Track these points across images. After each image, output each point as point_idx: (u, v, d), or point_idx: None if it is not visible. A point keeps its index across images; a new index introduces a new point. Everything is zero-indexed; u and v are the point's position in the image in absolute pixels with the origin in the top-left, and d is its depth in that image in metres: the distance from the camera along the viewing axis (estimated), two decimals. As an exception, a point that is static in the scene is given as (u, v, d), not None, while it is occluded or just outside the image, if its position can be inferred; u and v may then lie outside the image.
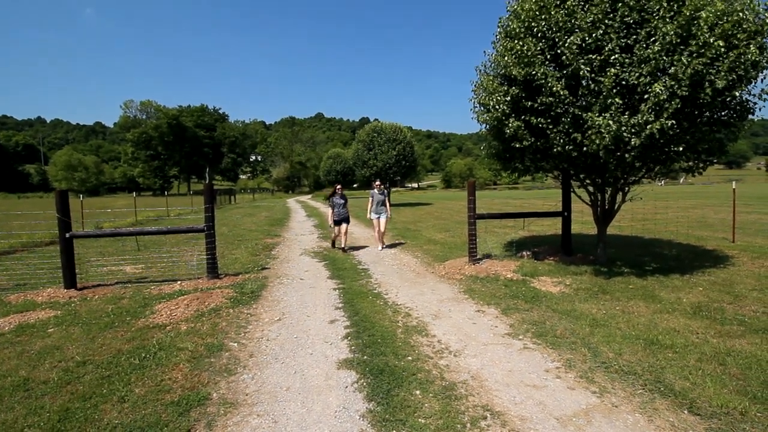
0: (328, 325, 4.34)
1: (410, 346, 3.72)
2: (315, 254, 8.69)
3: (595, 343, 3.64)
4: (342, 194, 8.55)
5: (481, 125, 6.90)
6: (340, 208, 8.50)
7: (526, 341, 3.82)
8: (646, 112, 4.80)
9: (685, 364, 3.16)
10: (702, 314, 4.28)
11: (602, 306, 4.67)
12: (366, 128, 28.63)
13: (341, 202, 8.46)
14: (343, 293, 5.53)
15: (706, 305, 4.55)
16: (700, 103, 4.99)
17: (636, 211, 11.29)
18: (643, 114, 4.82)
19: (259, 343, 3.89)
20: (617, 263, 6.56)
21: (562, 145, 5.64)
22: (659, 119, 4.73)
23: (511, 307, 4.77)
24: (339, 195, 8.57)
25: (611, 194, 6.52)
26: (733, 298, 4.79)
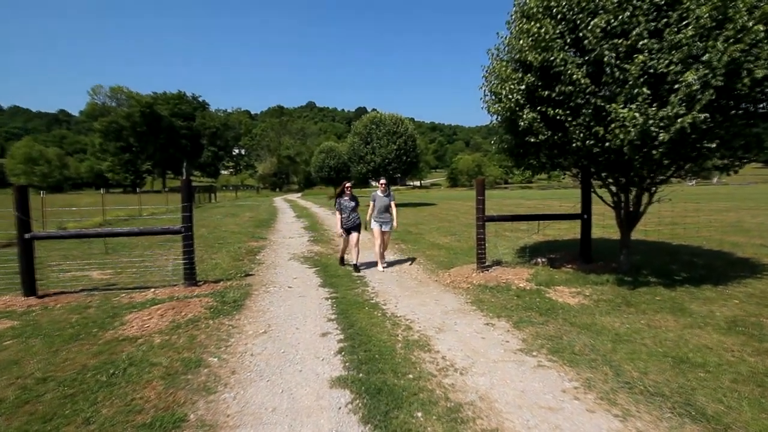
0: (320, 338, 4.35)
1: (411, 363, 3.72)
2: (305, 259, 8.70)
3: (617, 361, 3.65)
4: (352, 194, 7.40)
5: (492, 117, 6.92)
6: (350, 213, 7.35)
7: (541, 358, 3.83)
8: (676, 104, 4.82)
9: (719, 386, 3.17)
10: (737, 330, 4.29)
11: (626, 319, 4.68)
12: (363, 119, 28.71)
13: (351, 204, 7.33)
14: (336, 303, 5.54)
15: (742, 320, 4.56)
16: (737, 94, 5.01)
17: (663, 215, 11.35)
18: (673, 106, 4.83)
19: (242, 358, 3.88)
20: (642, 272, 6.58)
21: (582, 139, 5.66)
22: (691, 112, 4.75)
23: (524, 320, 4.77)
24: (348, 195, 7.38)
25: (636, 195, 6.54)
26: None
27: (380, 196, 7.45)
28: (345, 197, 7.35)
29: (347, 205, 7.33)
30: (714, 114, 5.13)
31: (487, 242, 7.57)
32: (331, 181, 52.55)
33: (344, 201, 7.36)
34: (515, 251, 8.90)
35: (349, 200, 7.36)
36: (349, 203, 7.34)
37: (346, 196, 7.36)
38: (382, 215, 7.45)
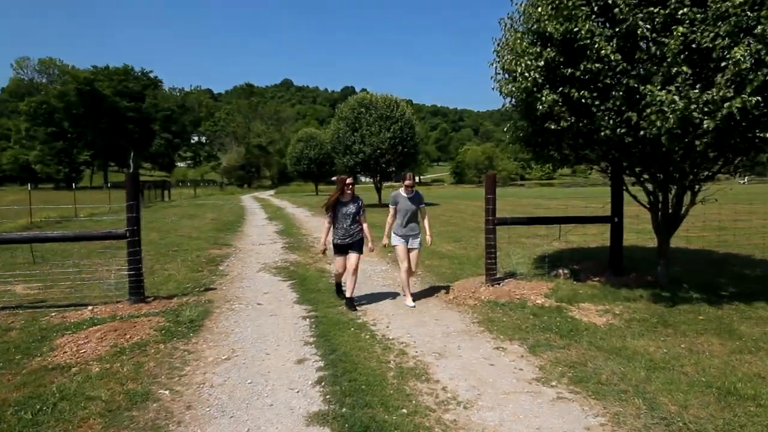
0: (295, 366, 4.35)
1: (405, 395, 3.72)
2: (278, 270, 8.70)
3: (652, 392, 3.68)
4: (355, 195, 6.19)
5: (505, 99, 6.98)
6: (349, 222, 6.10)
7: (561, 389, 3.84)
8: (722, 86, 4.89)
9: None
10: (795, 355, 4.36)
11: (662, 343, 4.73)
12: (350, 101, 28.76)
13: (352, 210, 6.11)
14: (315, 323, 5.56)
15: (800, 343, 4.63)
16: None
17: (709, 218, 11.52)
18: (718, 88, 4.91)
19: (199, 390, 3.87)
20: (683, 286, 6.65)
21: (612, 127, 5.73)
22: (740, 95, 4.82)
23: (542, 344, 4.81)
24: (349, 197, 6.14)
25: (676, 194, 6.63)
26: (836, 334, 4.90)
27: (405, 198, 6.32)
28: (344, 199, 6.10)
29: (346, 212, 6.07)
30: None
31: (499, 250, 7.62)
32: (310, 175, 52.68)
33: (343, 206, 6.09)
34: (532, 261, 8.96)
35: (350, 204, 6.11)
36: (349, 207, 6.08)
37: (345, 198, 6.09)
38: (409, 226, 6.32)
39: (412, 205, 6.32)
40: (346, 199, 6.10)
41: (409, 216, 6.30)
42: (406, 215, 6.29)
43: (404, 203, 6.32)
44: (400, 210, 6.32)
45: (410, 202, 6.32)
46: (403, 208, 6.30)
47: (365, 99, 28.19)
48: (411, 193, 6.35)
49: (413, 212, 6.34)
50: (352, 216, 6.11)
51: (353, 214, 6.11)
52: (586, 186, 64.51)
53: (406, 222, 6.30)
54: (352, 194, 6.12)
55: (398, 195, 6.37)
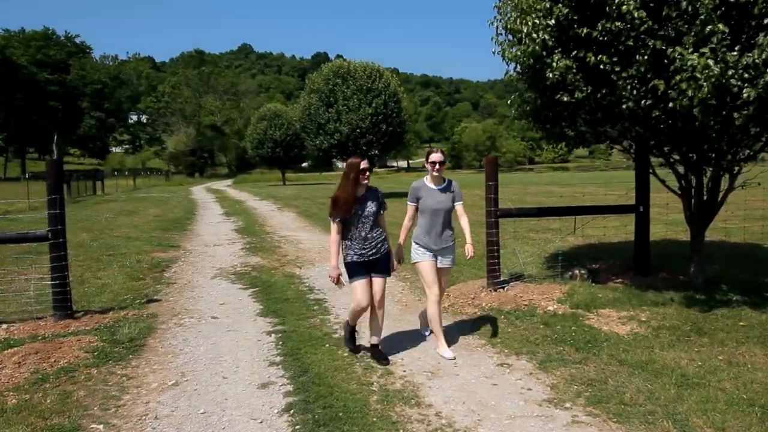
0: (258, 391, 4.34)
1: (391, 423, 3.73)
2: (237, 277, 8.69)
3: (684, 413, 3.73)
4: (371, 187, 4.98)
5: (509, 65, 7.00)
6: (369, 227, 4.88)
7: (577, 411, 3.87)
8: (765, 47, 4.96)
9: (823, 443, 3.29)
10: None
11: (696, 354, 4.79)
12: (323, 71, 28.76)
13: (371, 208, 4.89)
14: (283, 339, 5.56)
15: None
16: None
17: (752, 205, 11.72)
18: (761, 50, 4.97)
19: (141, 423, 3.84)
20: (721, 287, 6.76)
21: (636, 98, 5.78)
22: (787, 57, 4.90)
23: (554, 358, 4.84)
24: (365, 188, 4.92)
25: (712, 177, 6.73)
26: None
27: (433, 191, 5.08)
28: (358, 193, 4.88)
29: (364, 212, 4.85)
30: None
31: (503, 248, 7.67)
32: (276, 161, 52.42)
33: (356, 203, 4.84)
34: (542, 260, 9.03)
35: (367, 199, 4.90)
36: (367, 206, 4.88)
37: (359, 191, 4.88)
38: (439, 233, 5.05)
39: (445, 200, 5.03)
40: (362, 191, 4.89)
41: (440, 218, 5.00)
42: (435, 217, 4.99)
43: (431, 198, 5.02)
44: (425, 209, 5.02)
45: (441, 197, 5.03)
46: (429, 206, 4.99)
47: (341, 68, 28.13)
48: (441, 181, 5.10)
49: (446, 212, 5.04)
50: (372, 217, 4.88)
51: (374, 213, 4.89)
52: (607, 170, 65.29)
53: (436, 227, 5.00)
54: (367, 184, 4.91)
55: (422, 186, 5.11)
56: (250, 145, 51.80)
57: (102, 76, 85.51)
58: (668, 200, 8.01)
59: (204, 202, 26.92)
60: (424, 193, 5.09)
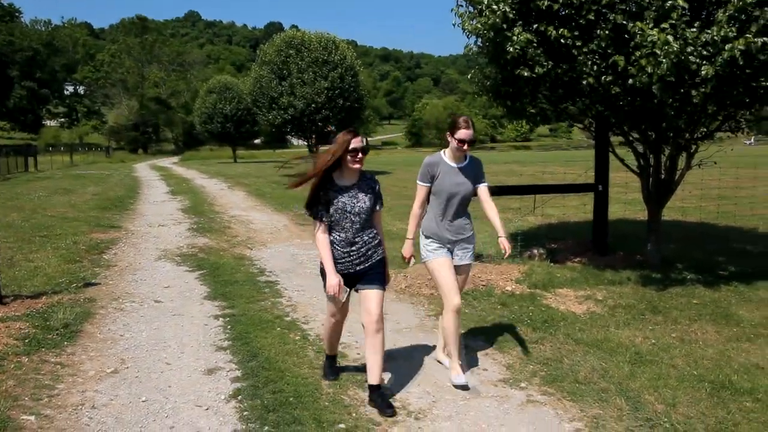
0: (204, 377, 4.28)
1: (343, 407, 3.74)
2: (183, 258, 8.56)
3: (636, 390, 3.87)
4: (364, 173, 3.88)
5: (469, 38, 7.02)
6: (358, 226, 3.80)
7: (532, 391, 3.97)
8: (724, 24, 5.11)
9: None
10: (798, 341, 4.71)
11: (650, 332, 4.98)
12: (276, 41, 28.27)
13: (364, 202, 3.78)
14: (231, 323, 5.49)
15: (804, 327, 5.01)
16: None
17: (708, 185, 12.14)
18: (719, 26, 5.12)
19: (76, 413, 3.74)
20: (677, 266, 7.03)
21: (596, 74, 5.89)
22: (744, 35, 5.06)
23: (510, 339, 4.94)
24: (356, 174, 3.83)
25: (670, 156, 6.94)
26: (844, 316, 5.34)
27: (452, 169, 4.19)
28: (345, 179, 3.79)
29: (354, 205, 3.75)
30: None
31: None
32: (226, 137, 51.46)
33: (342, 193, 3.76)
34: (502, 240, 9.15)
35: (358, 189, 3.81)
36: (359, 198, 3.78)
37: (348, 176, 3.80)
38: (456, 223, 4.24)
39: (465, 182, 4.17)
40: (352, 179, 3.79)
41: (458, 203, 4.17)
42: (451, 201, 4.16)
43: (449, 178, 4.15)
44: (439, 191, 4.17)
45: (461, 177, 4.17)
46: (445, 188, 4.14)
47: (295, 38, 27.68)
48: (463, 158, 4.23)
49: (465, 197, 4.20)
50: (365, 215, 3.78)
51: (367, 210, 3.78)
52: (569, 149, 66.62)
53: (452, 214, 4.20)
54: (360, 169, 3.78)
55: (438, 162, 4.21)
56: (199, 119, 50.59)
57: (33, 43, 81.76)
58: (627, 179, 8.22)
59: (148, 180, 26.35)
60: (441, 171, 4.17)
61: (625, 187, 10.70)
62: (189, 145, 76.67)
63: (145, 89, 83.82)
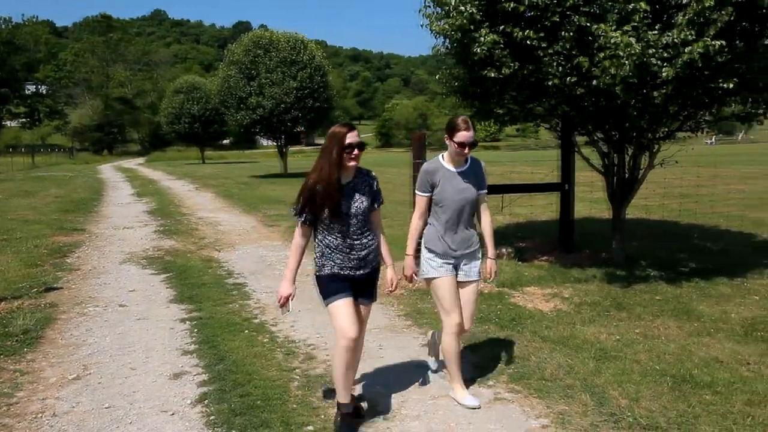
0: (170, 382, 4.24)
1: (312, 409, 3.74)
2: (149, 261, 8.46)
3: (601, 386, 3.95)
4: (361, 169, 3.54)
5: (437, 39, 7.05)
6: (358, 226, 3.50)
7: (499, 388, 4.02)
8: (683, 27, 5.24)
9: (729, 410, 3.57)
10: (756, 335, 4.86)
11: (615, 329, 5.09)
12: (244, 40, 28.08)
13: (362, 201, 3.48)
14: (198, 327, 5.45)
15: (762, 322, 5.17)
16: (762, 14, 5.57)
17: (671, 183, 12.47)
18: (679, 29, 5.24)
19: (37, 421, 3.67)
20: (641, 263, 7.20)
21: (561, 75, 5.97)
22: (702, 38, 5.19)
23: (478, 337, 5.00)
24: (353, 171, 3.50)
25: (633, 156, 7.08)
26: (799, 309, 5.52)
27: (453, 175, 3.80)
28: (344, 177, 3.47)
29: (352, 206, 3.44)
30: (733, 42, 5.65)
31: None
32: (194, 137, 50.83)
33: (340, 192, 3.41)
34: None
35: (355, 187, 3.49)
36: (356, 198, 3.47)
37: (346, 174, 3.47)
38: (460, 234, 3.85)
39: (468, 188, 3.79)
40: (347, 177, 3.47)
41: (463, 212, 3.80)
42: (456, 211, 3.78)
43: (451, 185, 3.77)
44: (442, 201, 3.78)
45: (463, 183, 3.79)
46: (448, 197, 3.76)
47: (264, 38, 27.52)
48: (464, 162, 3.84)
49: (470, 205, 3.83)
50: (362, 215, 3.47)
51: (364, 210, 3.48)
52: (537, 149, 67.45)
53: (457, 225, 3.82)
54: (356, 165, 3.46)
55: (438, 168, 3.81)
56: (165, 120, 49.88)
57: (-7, 41, 79.63)
58: (593, 179, 8.36)
59: (113, 182, 26.02)
60: (442, 178, 3.77)
61: (591, 186, 10.87)
62: (155, 146, 75.57)
63: (110, 89, 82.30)
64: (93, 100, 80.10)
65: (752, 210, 12.24)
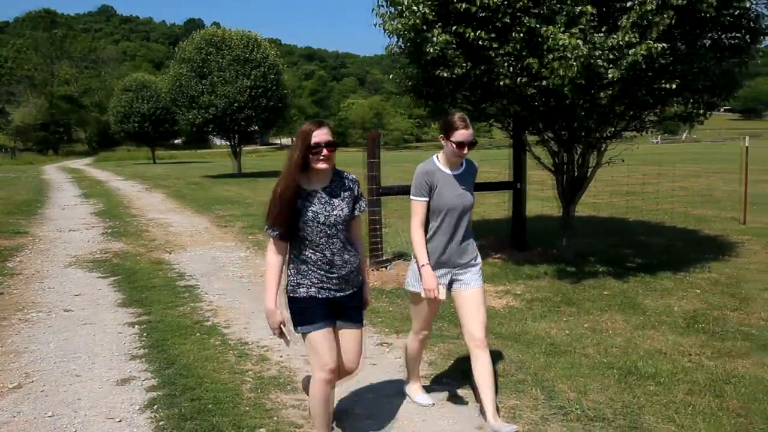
0: (117, 388, 4.14)
1: (265, 411, 3.70)
2: (96, 264, 8.27)
3: (551, 380, 4.04)
4: (338, 171, 3.15)
5: (391, 38, 7.08)
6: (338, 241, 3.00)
7: (453, 386, 4.06)
8: (627, 30, 5.41)
9: (671, 400, 3.71)
10: (697, 327, 5.07)
11: (565, 324, 5.23)
12: (195, 38, 27.63)
13: (342, 209, 3.01)
14: (147, 331, 5.35)
15: (703, 314, 5.39)
16: (701, 17, 5.79)
17: (619, 181, 12.85)
18: (624, 32, 5.42)
19: (-26, 432, 3.53)
20: (590, 259, 7.41)
21: (512, 76, 6.08)
22: (645, 40, 5.38)
23: (434, 335, 4.97)
24: (328, 174, 3.05)
25: (582, 155, 7.27)
26: (738, 302, 5.78)
27: (450, 178, 3.45)
28: (314, 183, 3.00)
29: (329, 216, 2.96)
30: (675, 45, 5.86)
31: (387, 227, 7.83)
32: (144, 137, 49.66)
33: (310, 200, 2.95)
34: (426, 238, 9.29)
35: (330, 193, 3.02)
36: (335, 204, 3.00)
37: (318, 179, 3.01)
38: (458, 243, 3.49)
39: (465, 192, 3.47)
40: (323, 181, 3.01)
41: (461, 219, 3.47)
42: (455, 217, 3.44)
43: (449, 190, 3.42)
44: (439, 207, 3.42)
45: (460, 188, 3.45)
46: (446, 203, 3.41)
47: (216, 36, 27.14)
48: (459, 165, 3.50)
49: (467, 210, 3.49)
50: (342, 225, 3.00)
51: (344, 219, 3.00)
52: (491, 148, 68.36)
53: (456, 233, 3.46)
54: (332, 167, 3.03)
55: (435, 171, 3.44)
56: (114, 119, 48.58)
57: (-74, 36, 76.06)
58: (545, 178, 8.54)
59: (58, 183, 25.27)
60: (439, 182, 3.42)
61: (542, 185, 11.10)
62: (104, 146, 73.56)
63: (55, 87, 79.71)
64: (37, 98, 77.43)
65: (694, 207, 12.76)
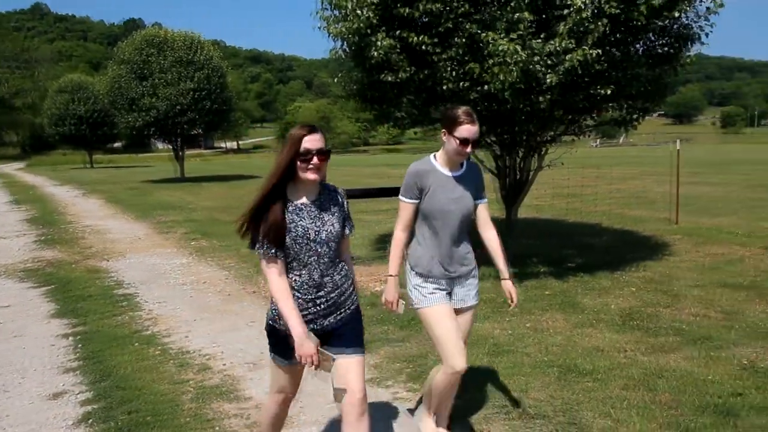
0: (49, 402, 4.00)
1: (206, 421, 3.64)
2: (27, 274, 7.98)
3: (494, 380, 4.12)
4: (327, 185, 2.71)
5: (335, 42, 7.07)
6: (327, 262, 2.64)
7: (398, 388, 4.09)
8: (564, 36, 5.57)
9: (608, 395, 3.84)
10: (632, 324, 5.26)
11: (508, 324, 5.34)
12: (135, 39, 26.96)
13: (333, 229, 2.63)
14: (82, 342, 5.19)
15: (637, 311, 5.61)
16: (633, 25, 6.02)
17: (560, 184, 13.21)
18: (561, 38, 5.58)
19: None
20: (532, 260, 7.57)
21: (455, 80, 6.17)
22: (581, 47, 5.55)
23: (378, 338, 5.06)
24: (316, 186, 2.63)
25: (523, 158, 7.44)
26: (670, 299, 6.03)
27: (448, 180, 3.10)
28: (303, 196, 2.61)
29: (320, 228, 2.60)
30: (609, 52, 6.07)
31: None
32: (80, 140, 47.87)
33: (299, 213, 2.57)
34: (372, 242, 9.34)
35: (319, 207, 2.63)
36: (325, 218, 2.63)
37: (306, 189, 2.62)
38: (455, 251, 3.17)
39: (464, 196, 3.12)
40: (311, 194, 2.63)
41: (455, 226, 3.10)
42: (448, 223, 3.09)
43: (443, 192, 3.08)
44: (431, 211, 3.08)
45: (458, 190, 3.10)
46: (439, 206, 3.07)
47: (157, 37, 26.48)
48: (460, 166, 3.16)
49: (464, 216, 3.13)
50: (334, 243, 2.66)
51: (336, 236, 2.66)
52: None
53: (450, 241, 3.12)
54: (322, 177, 2.63)
55: (429, 171, 3.12)
56: (48, 121, 46.61)
57: None
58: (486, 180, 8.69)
59: (-13, 189, 24.08)
60: (433, 183, 3.07)
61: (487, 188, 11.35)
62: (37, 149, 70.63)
63: (-16, 89, 76.10)
64: (-36, 100, 73.78)
65: (630, 208, 13.24)
